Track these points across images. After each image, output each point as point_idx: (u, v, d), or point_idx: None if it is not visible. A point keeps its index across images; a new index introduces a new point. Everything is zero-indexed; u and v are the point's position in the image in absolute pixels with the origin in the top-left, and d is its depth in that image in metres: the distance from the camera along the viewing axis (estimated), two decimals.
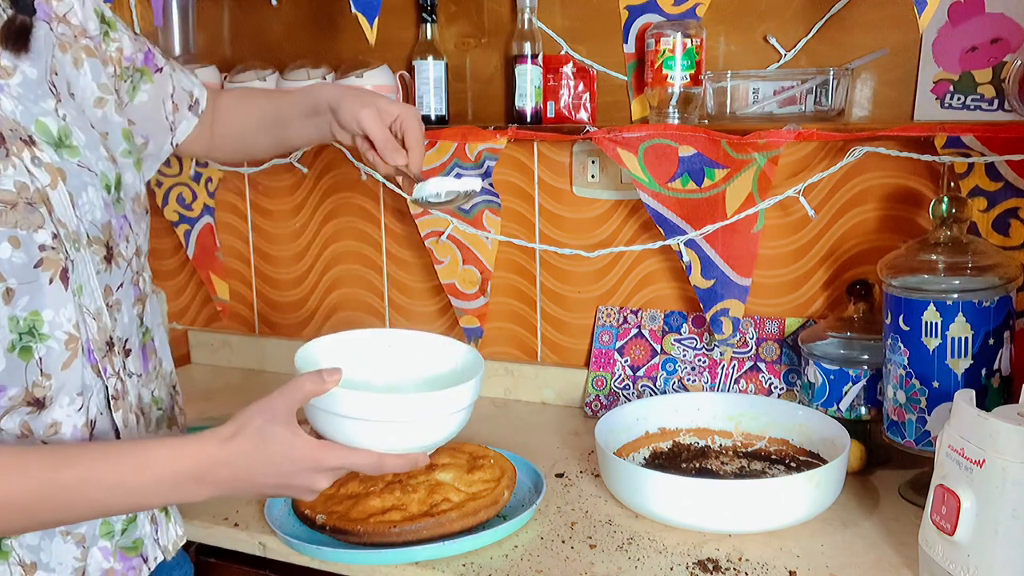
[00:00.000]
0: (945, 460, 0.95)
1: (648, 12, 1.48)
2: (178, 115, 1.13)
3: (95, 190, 0.88)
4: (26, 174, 0.82)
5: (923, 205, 1.37)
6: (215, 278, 1.91)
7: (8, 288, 0.80)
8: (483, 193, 1.57)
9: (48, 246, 0.83)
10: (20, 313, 0.81)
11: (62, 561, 0.86)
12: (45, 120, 0.86)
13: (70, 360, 0.85)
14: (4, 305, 0.80)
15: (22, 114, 0.85)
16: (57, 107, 0.88)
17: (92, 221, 0.88)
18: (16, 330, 0.81)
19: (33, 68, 0.88)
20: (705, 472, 1.31)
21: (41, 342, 0.83)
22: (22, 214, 0.81)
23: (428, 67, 1.58)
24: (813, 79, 1.37)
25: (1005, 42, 1.28)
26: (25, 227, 0.81)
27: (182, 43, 1.84)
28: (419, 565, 1.09)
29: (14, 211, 0.80)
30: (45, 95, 0.88)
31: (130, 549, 0.92)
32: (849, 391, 1.32)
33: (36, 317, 0.82)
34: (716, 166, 1.39)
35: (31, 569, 0.84)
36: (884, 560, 1.07)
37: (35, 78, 0.88)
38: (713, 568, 1.06)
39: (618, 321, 1.61)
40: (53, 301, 0.83)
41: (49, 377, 0.84)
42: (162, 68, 1.11)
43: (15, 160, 0.82)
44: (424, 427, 0.93)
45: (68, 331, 0.85)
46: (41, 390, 0.83)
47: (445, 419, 0.94)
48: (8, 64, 0.86)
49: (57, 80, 0.90)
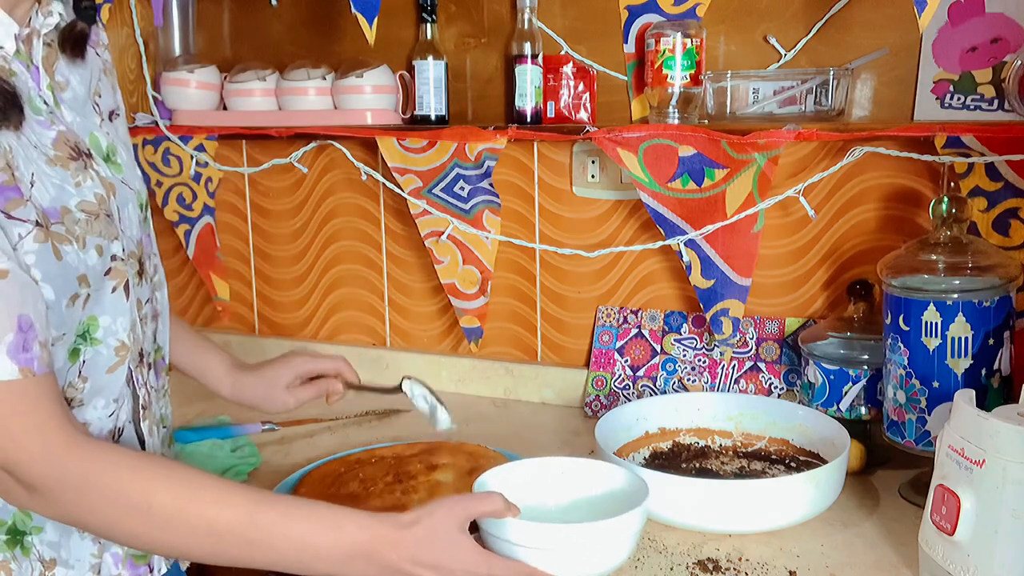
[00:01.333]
0: (945, 460, 0.95)
1: (648, 12, 1.48)
2: None
3: (133, 207, 0.92)
4: (101, 187, 0.85)
5: (923, 205, 1.37)
6: (215, 278, 1.91)
7: (88, 294, 0.83)
8: (483, 193, 1.57)
9: (119, 257, 0.86)
10: (81, 316, 0.84)
11: (80, 558, 0.88)
12: (97, 135, 0.89)
13: (116, 367, 0.88)
14: (79, 310, 0.82)
15: (79, 126, 0.88)
16: (101, 124, 0.92)
17: (130, 236, 0.91)
18: (74, 332, 0.84)
19: (82, 86, 0.91)
20: (705, 472, 1.31)
21: (91, 346, 0.85)
22: (104, 224, 0.84)
23: (428, 67, 1.58)
24: (813, 79, 1.37)
25: (1005, 42, 1.28)
26: (107, 236, 0.84)
27: (182, 43, 1.85)
28: None
29: (98, 221, 0.83)
30: (92, 113, 0.91)
31: (139, 558, 0.93)
32: (849, 391, 1.32)
33: (93, 321, 0.85)
34: (716, 166, 1.39)
35: (51, 565, 0.86)
36: (884, 560, 1.07)
37: (83, 95, 0.90)
38: (713, 568, 1.06)
39: (618, 321, 1.61)
40: (112, 308, 0.86)
41: (86, 380, 0.85)
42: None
43: (92, 172, 0.85)
44: (586, 555, 0.98)
45: (122, 339, 0.87)
46: (73, 391, 0.85)
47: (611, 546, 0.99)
48: (62, 79, 0.88)
49: (100, 102, 0.94)
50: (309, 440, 1.52)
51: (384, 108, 1.63)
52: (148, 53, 1.82)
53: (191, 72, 1.72)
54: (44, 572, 0.86)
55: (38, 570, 0.85)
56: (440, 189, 1.58)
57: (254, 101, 1.70)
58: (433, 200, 1.59)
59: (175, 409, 1.72)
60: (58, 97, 0.86)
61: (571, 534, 0.98)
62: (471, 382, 1.72)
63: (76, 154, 0.84)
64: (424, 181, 1.59)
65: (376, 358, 1.81)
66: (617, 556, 1.00)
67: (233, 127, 1.72)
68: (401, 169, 1.60)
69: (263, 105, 1.70)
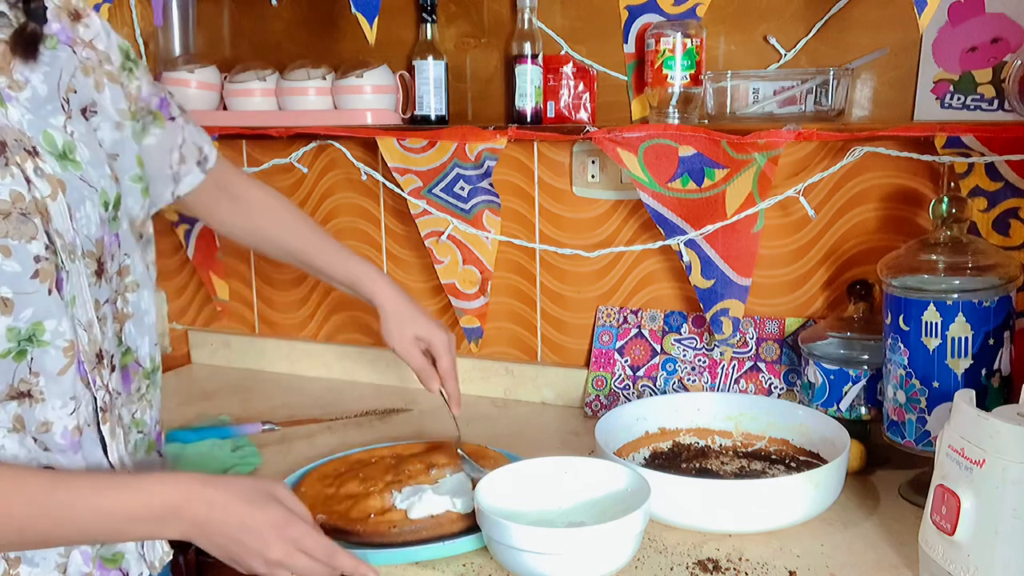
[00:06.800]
0: (945, 460, 0.95)
1: (648, 12, 1.48)
2: (184, 167, 1.15)
3: (92, 205, 0.90)
4: (24, 184, 0.83)
5: (923, 205, 1.37)
6: (215, 278, 1.91)
7: (3, 297, 0.81)
8: (483, 193, 1.57)
9: (43, 257, 0.84)
10: (22, 324, 0.83)
11: (46, 556, 0.88)
12: (52, 132, 0.88)
13: (67, 367, 0.87)
14: (0, 315, 0.81)
15: (29, 124, 0.86)
16: (66, 123, 0.90)
17: (87, 235, 0.89)
18: (16, 339, 0.83)
19: (44, 85, 0.90)
20: (705, 472, 1.31)
21: (39, 347, 0.84)
22: (14, 224, 0.82)
23: (428, 67, 1.58)
24: (813, 79, 1.37)
25: (1005, 42, 1.28)
26: (17, 237, 0.82)
27: (182, 43, 1.85)
28: (419, 565, 1.09)
29: (6, 221, 0.82)
30: (56, 111, 0.90)
31: (109, 560, 0.93)
32: (849, 391, 1.32)
33: (39, 327, 0.84)
34: (716, 166, 1.39)
35: (15, 563, 0.86)
36: (884, 560, 1.07)
37: (45, 94, 0.89)
38: (713, 568, 1.06)
39: (618, 321, 1.61)
40: (57, 311, 0.85)
41: (37, 375, 0.85)
42: (175, 118, 1.12)
43: (14, 169, 0.83)
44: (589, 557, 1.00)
45: (70, 339, 0.86)
46: (27, 385, 0.85)
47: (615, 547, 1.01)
48: (20, 78, 0.88)
49: (73, 99, 0.92)
50: (309, 440, 1.52)
51: (384, 108, 1.63)
52: (148, 53, 1.82)
53: (191, 72, 1.72)
54: (9, 570, 0.86)
55: (2, 568, 0.85)
56: (440, 189, 1.58)
57: (254, 101, 1.70)
58: (433, 200, 1.60)
59: (175, 409, 1.73)
60: (3, 95, 0.85)
61: (575, 537, 0.98)
62: (471, 382, 1.72)
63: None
64: (424, 181, 1.59)
65: (376, 358, 1.81)
66: (620, 557, 1.01)
67: (233, 127, 1.72)
68: (401, 169, 1.60)
69: (263, 105, 1.70)
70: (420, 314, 1.26)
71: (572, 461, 1.17)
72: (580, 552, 0.98)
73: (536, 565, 0.99)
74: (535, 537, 0.98)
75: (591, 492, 1.14)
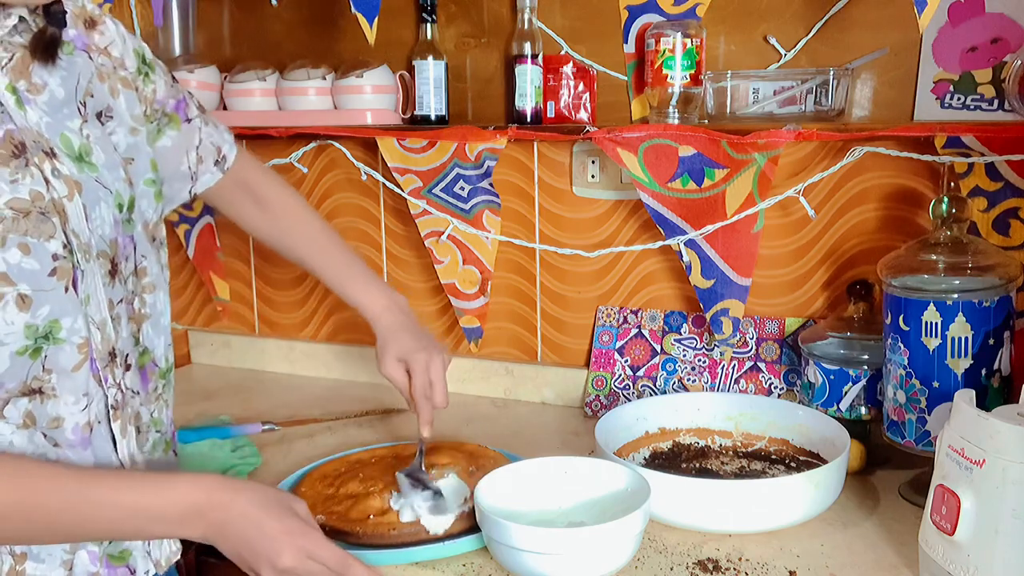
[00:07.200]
0: (945, 460, 0.95)
1: (648, 12, 1.48)
2: (202, 167, 1.17)
3: (107, 206, 0.92)
4: (43, 184, 0.85)
5: (923, 205, 1.37)
6: (215, 278, 1.91)
7: (21, 294, 0.82)
8: (483, 193, 1.57)
9: (60, 255, 0.86)
10: (40, 321, 0.84)
11: (51, 552, 0.88)
12: (69, 135, 0.90)
13: (81, 364, 0.88)
14: (19, 311, 0.82)
15: (47, 126, 0.88)
16: (82, 126, 0.92)
17: (102, 236, 0.91)
18: (33, 336, 0.84)
19: (62, 88, 0.91)
20: (705, 472, 1.31)
21: (55, 345, 0.86)
22: (34, 223, 0.84)
23: (428, 67, 1.58)
24: (813, 79, 1.37)
25: (1005, 42, 1.28)
26: (36, 235, 0.84)
27: (182, 43, 1.85)
28: (419, 565, 1.09)
29: (26, 219, 0.83)
30: (72, 114, 0.92)
31: (116, 558, 0.93)
32: (849, 391, 1.32)
33: (55, 324, 0.85)
34: (716, 166, 1.39)
35: (21, 559, 0.87)
36: (884, 560, 1.07)
37: (62, 97, 0.91)
38: (713, 568, 1.06)
39: (618, 321, 1.61)
40: (73, 309, 0.87)
41: (50, 372, 0.86)
42: (192, 119, 1.15)
43: (33, 170, 0.85)
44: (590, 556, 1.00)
45: (84, 336, 0.88)
46: (39, 382, 0.86)
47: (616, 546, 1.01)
48: (39, 81, 0.89)
49: (89, 103, 0.94)
50: (309, 440, 1.52)
51: (384, 108, 1.63)
52: None
53: (191, 72, 1.72)
54: (15, 565, 0.86)
55: (8, 563, 0.86)
56: (440, 189, 1.58)
57: (254, 101, 1.70)
58: (433, 200, 1.60)
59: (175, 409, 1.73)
60: (23, 98, 0.87)
61: (576, 537, 0.98)
62: (471, 382, 1.72)
63: (18, 152, 0.84)
64: (424, 181, 1.59)
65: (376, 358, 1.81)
66: (620, 557, 1.01)
67: (233, 127, 1.70)
68: (401, 169, 1.60)
69: (263, 105, 1.70)
70: (407, 335, 1.24)
71: (572, 461, 1.16)
72: (580, 552, 0.98)
73: (536, 565, 0.99)
74: (535, 537, 0.98)
75: (591, 492, 1.14)
